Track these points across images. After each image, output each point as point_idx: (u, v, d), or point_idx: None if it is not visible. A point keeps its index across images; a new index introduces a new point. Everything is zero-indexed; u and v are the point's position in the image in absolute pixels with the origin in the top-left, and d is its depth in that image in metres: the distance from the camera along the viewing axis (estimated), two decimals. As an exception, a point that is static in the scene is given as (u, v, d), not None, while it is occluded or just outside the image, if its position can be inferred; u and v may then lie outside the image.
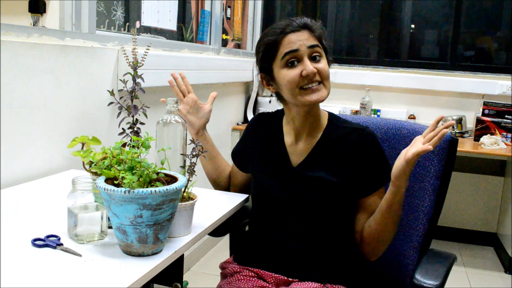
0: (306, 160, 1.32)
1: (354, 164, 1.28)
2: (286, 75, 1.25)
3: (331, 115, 1.37)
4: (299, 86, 1.25)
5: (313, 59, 1.26)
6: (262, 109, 3.47)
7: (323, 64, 1.27)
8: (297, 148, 1.35)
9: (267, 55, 1.29)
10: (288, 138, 1.37)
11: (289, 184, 1.32)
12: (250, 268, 1.36)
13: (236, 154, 1.51)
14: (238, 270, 1.37)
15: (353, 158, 1.28)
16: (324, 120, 1.35)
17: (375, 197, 1.29)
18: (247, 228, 1.51)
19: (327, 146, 1.32)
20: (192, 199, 1.12)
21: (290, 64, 1.25)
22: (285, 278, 1.31)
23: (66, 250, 0.96)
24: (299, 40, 1.25)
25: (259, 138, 1.42)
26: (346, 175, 1.28)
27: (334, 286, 1.27)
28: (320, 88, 1.26)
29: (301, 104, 1.27)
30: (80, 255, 0.95)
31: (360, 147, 1.29)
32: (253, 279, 1.32)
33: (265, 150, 1.39)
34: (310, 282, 1.27)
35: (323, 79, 1.26)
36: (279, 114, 1.43)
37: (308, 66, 1.24)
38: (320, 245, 1.30)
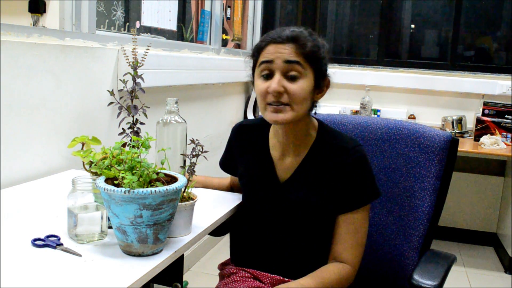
0: (292, 176, 1.29)
1: (338, 183, 1.24)
2: (258, 86, 1.21)
3: (321, 127, 1.30)
4: (265, 101, 1.19)
5: (290, 77, 1.17)
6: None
7: (297, 85, 1.17)
8: (284, 163, 1.31)
9: (253, 59, 1.27)
10: (275, 152, 1.32)
11: (274, 201, 1.31)
12: (246, 269, 1.36)
13: (225, 164, 1.48)
14: (235, 271, 1.37)
15: (338, 178, 1.24)
16: (313, 134, 1.29)
17: (350, 218, 1.24)
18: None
19: (314, 164, 1.27)
20: (192, 199, 1.12)
21: (264, 76, 1.20)
22: (281, 278, 1.31)
23: (66, 250, 0.96)
24: (278, 52, 1.17)
25: (245, 149, 1.39)
26: (328, 194, 1.25)
27: None
28: (283, 110, 1.18)
29: (265, 119, 1.23)
30: (80, 255, 0.95)
31: (346, 167, 1.23)
32: (249, 280, 1.33)
33: (252, 163, 1.36)
34: None
35: (291, 101, 1.17)
36: (263, 123, 1.33)
37: (274, 83, 1.16)
38: (313, 248, 1.30)
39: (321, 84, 1.24)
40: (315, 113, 1.31)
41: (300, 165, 1.29)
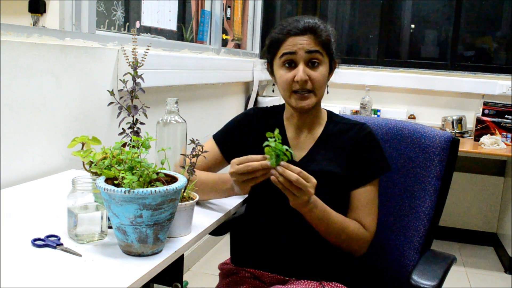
0: (308, 154, 1.34)
1: (352, 156, 1.31)
2: (281, 76, 1.30)
3: (330, 113, 1.41)
4: (291, 89, 1.29)
5: (311, 64, 1.28)
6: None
7: (319, 71, 1.28)
8: (299, 143, 1.36)
9: (270, 50, 1.34)
10: (290, 133, 1.38)
11: None
12: (246, 269, 1.36)
13: (224, 141, 1.42)
14: (235, 271, 1.37)
15: (351, 151, 1.31)
16: (324, 118, 1.38)
17: (365, 191, 1.31)
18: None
19: (328, 140, 1.34)
20: (192, 199, 1.12)
21: (287, 65, 1.29)
22: (281, 277, 1.31)
23: (66, 250, 0.96)
24: (299, 43, 1.27)
25: (258, 132, 1.37)
26: (345, 167, 1.31)
27: (331, 284, 1.27)
28: (308, 96, 1.28)
29: (290, 106, 1.32)
30: (80, 255, 0.95)
31: (358, 140, 1.32)
32: (249, 280, 1.33)
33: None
34: (306, 281, 1.27)
35: (314, 87, 1.28)
36: (277, 109, 1.44)
37: (300, 72, 1.26)
38: (316, 242, 1.30)
39: (332, 67, 1.35)
40: None
41: (315, 144, 1.35)
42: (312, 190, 1.14)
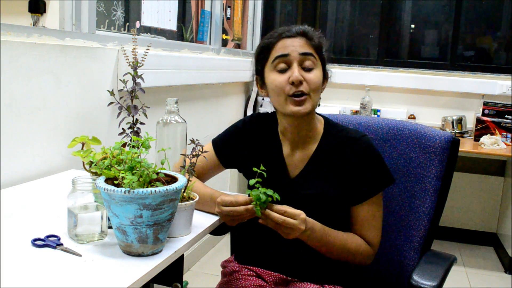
0: (302, 172, 1.30)
1: (349, 174, 1.27)
2: (274, 80, 1.24)
3: (327, 122, 1.34)
4: (286, 93, 1.22)
5: (305, 68, 1.23)
6: (262, 109, 3.47)
7: (313, 75, 1.23)
8: (294, 159, 1.32)
9: (261, 57, 1.28)
10: (285, 149, 1.33)
11: (286, 197, 1.29)
12: (249, 267, 1.36)
13: (222, 148, 1.40)
14: (238, 269, 1.37)
15: (348, 168, 1.27)
16: (320, 128, 1.32)
17: (366, 206, 1.27)
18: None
19: (323, 157, 1.29)
20: (192, 199, 1.12)
21: (280, 70, 1.23)
22: (284, 277, 1.31)
23: (66, 250, 0.96)
24: (292, 45, 1.23)
25: (255, 141, 1.37)
26: (341, 186, 1.27)
27: (332, 287, 1.28)
28: (304, 101, 1.22)
29: (285, 113, 1.26)
30: (80, 255, 0.95)
31: (354, 157, 1.26)
32: (252, 278, 1.32)
33: (263, 157, 1.34)
34: (308, 283, 1.27)
35: (310, 90, 1.22)
36: (274, 118, 1.37)
37: (295, 73, 1.21)
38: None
39: (325, 74, 1.31)
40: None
41: (310, 159, 1.30)
42: (302, 226, 1.14)
